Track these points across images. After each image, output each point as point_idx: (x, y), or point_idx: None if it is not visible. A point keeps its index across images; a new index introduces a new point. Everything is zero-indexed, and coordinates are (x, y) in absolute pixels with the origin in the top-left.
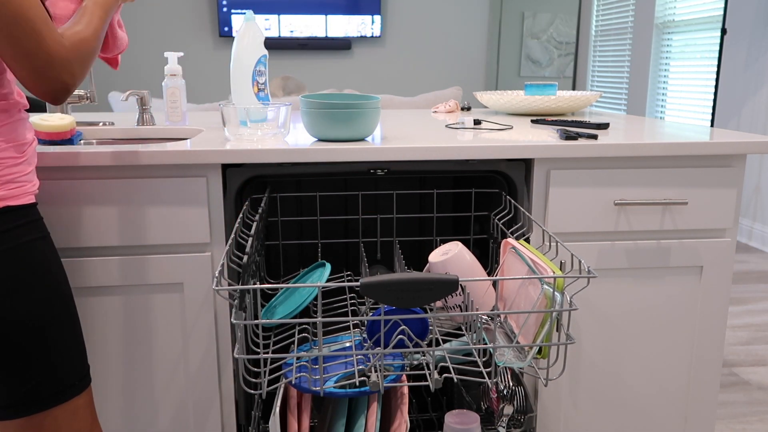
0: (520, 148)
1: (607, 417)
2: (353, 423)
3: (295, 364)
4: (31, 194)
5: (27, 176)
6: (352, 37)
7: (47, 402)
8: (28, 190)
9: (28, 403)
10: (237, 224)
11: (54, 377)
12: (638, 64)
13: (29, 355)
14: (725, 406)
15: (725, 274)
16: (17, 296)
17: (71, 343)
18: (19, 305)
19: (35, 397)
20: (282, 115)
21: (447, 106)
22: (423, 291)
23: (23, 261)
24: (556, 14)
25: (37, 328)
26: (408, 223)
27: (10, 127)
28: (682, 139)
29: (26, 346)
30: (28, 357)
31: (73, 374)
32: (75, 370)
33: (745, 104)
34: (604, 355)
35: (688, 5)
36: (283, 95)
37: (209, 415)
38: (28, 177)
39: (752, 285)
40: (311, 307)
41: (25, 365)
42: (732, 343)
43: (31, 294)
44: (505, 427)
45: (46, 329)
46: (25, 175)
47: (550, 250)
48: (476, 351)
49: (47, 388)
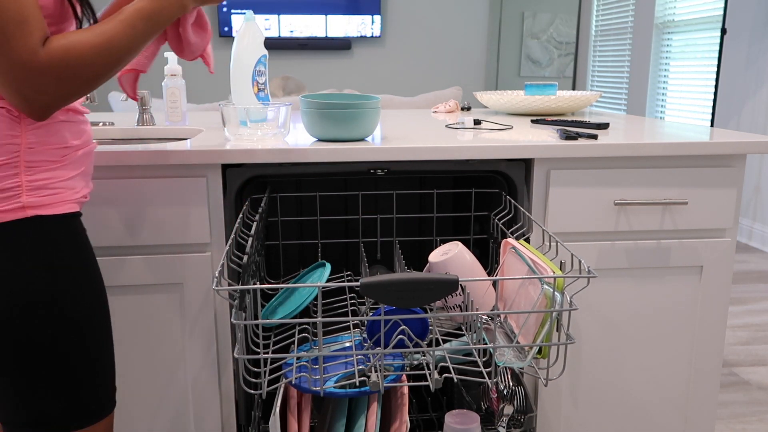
0: (520, 148)
1: (607, 417)
2: (353, 423)
3: (295, 364)
4: (71, 202)
5: (65, 182)
6: (352, 37)
7: (68, 424)
8: (66, 198)
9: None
10: (237, 224)
11: (79, 399)
12: (638, 64)
13: (57, 374)
14: (725, 406)
15: (725, 274)
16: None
17: (100, 366)
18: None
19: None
20: (282, 115)
21: (447, 106)
22: (423, 291)
23: (57, 277)
24: (556, 14)
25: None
26: (408, 223)
27: (47, 130)
28: (682, 139)
29: (55, 366)
30: (56, 376)
31: (99, 398)
32: (102, 394)
33: (745, 104)
34: (604, 355)
35: (688, 5)
36: (283, 95)
37: (209, 415)
38: (66, 183)
39: (752, 285)
40: (311, 307)
41: (53, 384)
42: (732, 343)
43: (64, 312)
44: (505, 427)
45: (76, 350)
46: (63, 181)
47: (550, 250)
48: (476, 351)
49: (71, 409)
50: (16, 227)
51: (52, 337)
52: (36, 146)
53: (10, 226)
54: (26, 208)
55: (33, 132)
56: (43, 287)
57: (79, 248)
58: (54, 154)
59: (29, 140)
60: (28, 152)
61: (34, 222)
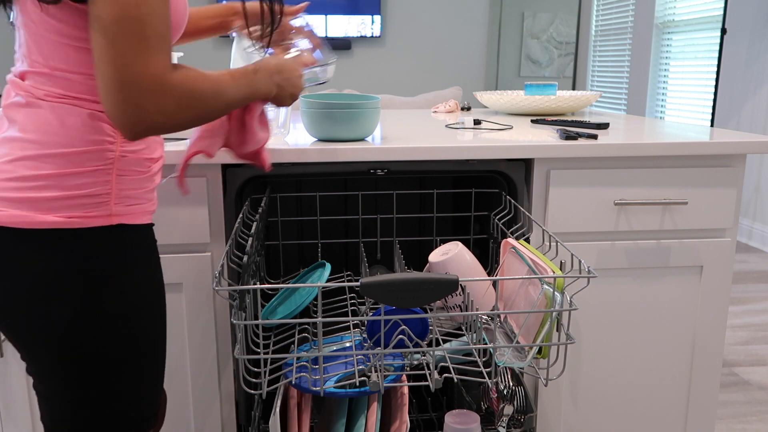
0: (520, 148)
1: (607, 417)
2: (353, 423)
3: (295, 364)
4: (148, 214)
5: (146, 194)
6: (352, 37)
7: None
8: (146, 209)
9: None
10: (237, 224)
11: (123, 410)
12: (638, 64)
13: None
14: (725, 406)
15: (725, 274)
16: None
17: (149, 380)
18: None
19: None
20: (282, 115)
21: (447, 106)
22: (423, 291)
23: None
24: (556, 14)
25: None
26: (408, 223)
27: (143, 140)
28: (682, 139)
29: (105, 376)
30: (107, 385)
31: (144, 412)
32: (147, 408)
33: (745, 104)
34: (604, 355)
35: (688, 5)
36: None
37: (209, 415)
38: (147, 195)
39: (752, 285)
40: (311, 307)
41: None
42: (732, 343)
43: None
44: (505, 427)
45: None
46: (145, 192)
47: (550, 250)
48: (476, 351)
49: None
50: (101, 233)
51: (115, 344)
52: (128, 155)
53: (96, 231)
54: (112, 216)
55: (129, 141)
56: (116, 295)
57: (151, 259)
58: (141, 165)
59: (123, 149)
60: (121, 161)
61: (117, 229)
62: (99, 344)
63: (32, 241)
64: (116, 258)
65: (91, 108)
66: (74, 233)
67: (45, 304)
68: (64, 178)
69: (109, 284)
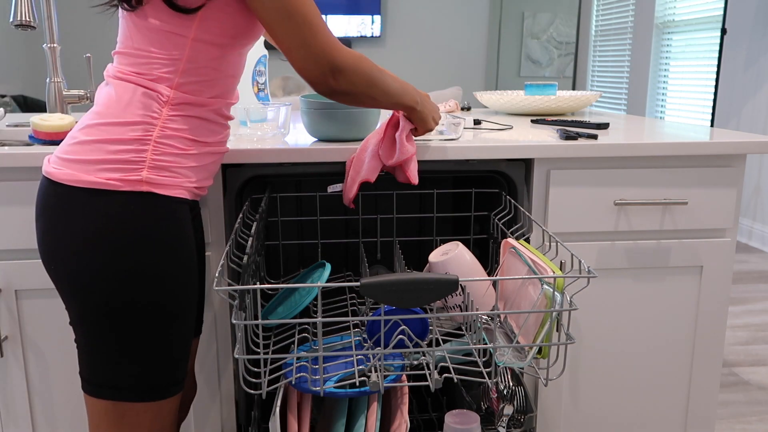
0: (520, 148)
1: (607, 417)
2: (353, 423)
3: (295, 364)
4: (183, 189)
5: (185, 170)
6: (352, 37)
7: (140, 394)
8: (181, 183)
9: (121, 389)
10: (237, 224)
11: (155, 372)
12: (638, 64)
13: (141, 342)
14: (725, 406)
15: (725, 274)
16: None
17: (182, 344)
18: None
19: (131, 385)
20: (282, 115)
21: (447, 106)
22: (423, 291)
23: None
24: (556, 14)
25: (161, 319)
26: (408, 223)
27: (185, 121)
28: (682, 139)
29: (143, 334)
30: (140, 345)
31: (171, 376)
32: (174, 373)
33: (745, 104)
34: (604, 355)
35: (688, 5)
36: (283, 95)
37: (209, 415)
38: (184, 171)
39: (752, 285)
40: (311, 307)
41: (135, 352)
42: (732, 343)
43: (167, 283)
44: (505, 427)
45: (167, 324)
46: (184, 168)
47: (550, 250)
48: (476, 351)
49: (145, 380)
50: (131, 198)
51: (138, 310)
52: (169, 131)
53: (126, 195)
54: (143, 182)
55: (172, 118)
56: (143, 258)
57: (180, 232)
58: (183, 142)
59: (166, 124)
60: (161, 134)
61: (147, 197)
62: (125, 301)
63: (78, 197)
64: (144, 223)
65: (147, 86)
66: (110, 194)
67: (81, 257)
68: (109, 144)
69: (136, 246)
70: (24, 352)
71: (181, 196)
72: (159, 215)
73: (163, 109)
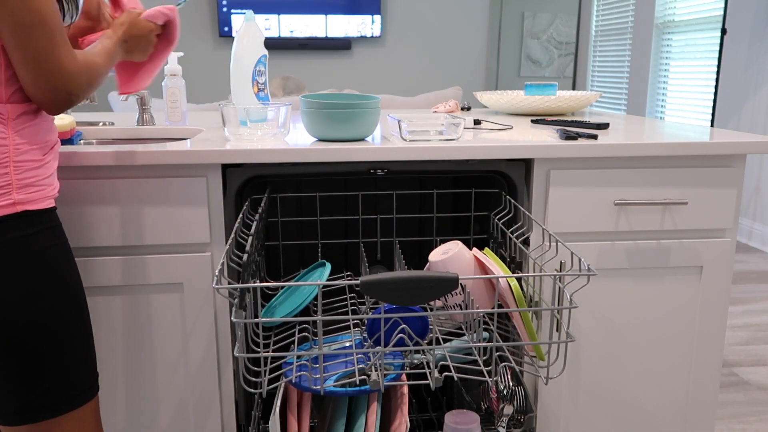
0: (520, 148)
1: (607, 417)
2: (353, 422)
3: (295, 363)
4: (51, 198)
5: (47, 179)
6: (352, 37)
7: (57, 408)
8: (48, 194)
9: (38, 408)
10: (237, 224)
11: (66, 383)
12: (638, 64)
13: (43, 359)
14: (725, 406)
15: (725, 274)
16: (34, 300)
17: (85, 349)
18: (35, 309)
19: (45, 403)
20: (282, 115)
21: (447, 106)
22: (423, 289)
23: (40, 266)
24: (556, 14)
25: (52, 332)
26: (408, 223)
27: (34, 129)
28: (682, 139)
29: (41, 351)
30: (42, 361)
31: (84, 381)
32: (86, 377)
33: (745, 104)
34: (604, 355)
35: (688, 5)
36: (283, 95)
37: (209, 415)
38: (48, 180)
39: (752, 285)
40: (311, 307)
41: (39, 370)
42: (732, 343)
43: (48, 298)
44: (505, 427)
45: (60, 334)
46: (46, 178)
47: (549, 250)
48: (476, 349)
49: (58, 394)
50: (7, 221)
51: (32, 326)
52: (22, 146)
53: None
54: (17, 204)
55: (19, 133)
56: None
57: (57, 240)
58: (37, 153)
59: (16, 141)
60: (16, 152)
61: (23, 216)
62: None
63: None
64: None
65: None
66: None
67: None
68: None
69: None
70: None
71: (50, 206)
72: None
73: (7, 126)
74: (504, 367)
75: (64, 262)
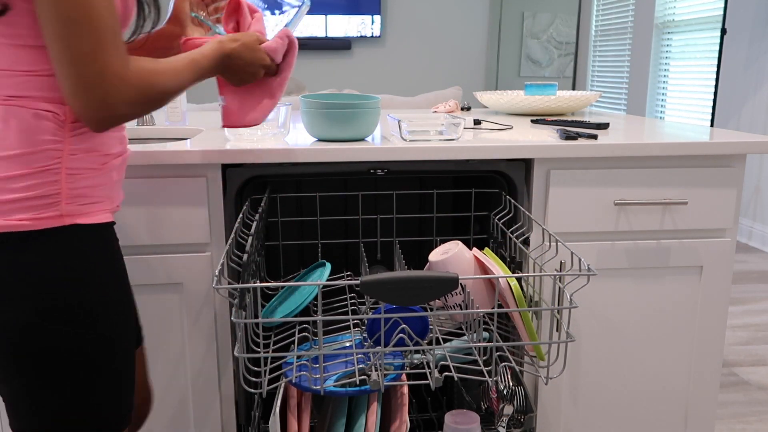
0: (520, 148)
1: (607, 417)
2: (353, 422)
3: (295, 363)
4: (107, 212)
5: (103, 192)
6: (352, 37)
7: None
8: (103, 208)
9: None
10: (237, 224)
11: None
12: (638, 64)
13: (73, 382)
14: (725, 406)
15: (725, 274)
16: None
17: (121, 380)
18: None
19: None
20: (282, 115)
21: (447, 106)
22: (423, 289)
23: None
24: (556, 14)
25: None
26: (408, 223)
27: (92, 136)
28: (682, 139)
29: (76, 375)
30: (71, 384)
31: (115, 413)
32: (117, 409)
33: (745, 104)
34: (605, 355)
35: (688, 5)
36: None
37: (209, 415)
38: (104, 192)
39: (752, 285)
40: (311, 307)
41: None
42: (732, 343)
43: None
44: (505, 427)
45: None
46: (101, 190)
47: (549, 250)
48: (476, 349)
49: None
50: (53, 234)
51: (76, 346)
52: (78, 153)
53: (47, 233)
54: (64, 216)
55: (77, 138)
56: (73, 295)
57: (111, 258)
58: (95, 162)
59: (72, 147)
60: (70, 159)
61: (71, 230)
62: (54, 346)
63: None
64: (71, 260)
65: (36, 107)
66: (24, 236)
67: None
68: (11, 180)
69: (64, 286)
70: None
71: (106, 220)
72: (90, 245)
73: (63, 130)
74: (504, 367)
75: (111, 285)
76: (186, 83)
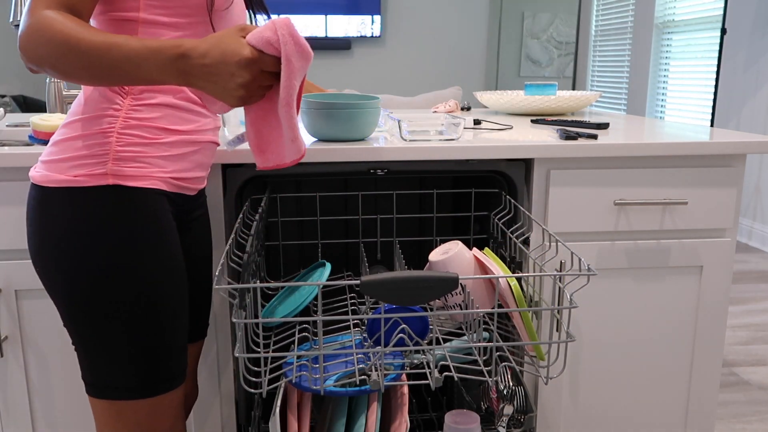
0: (520, 148)
1: (607, 417)
2: (353, 422)
3: (295, 363)
4: (156, 179)
5: (156, 159)
6: (352, 37)
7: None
8: (152, 173)
9: (112, 387)
10: (237, 224)
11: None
12: (638, 64)
13: (123, 338)
14: (725, 406)
15: (725, 274)
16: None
17: (169, 338)
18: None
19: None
20: None
21: (447, 106)
22: (423, 289)
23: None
24: (556, 14)
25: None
26: (408, 223)
27: (151, 110)
28: (682, 139)
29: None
30: (121, 340)
31: (166, 370)
32: (168, 366)
33: (745, 104)
34: (604, 355)
35: (688, 5)
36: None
37: (209, 415)
38: (156, 161)
39: (752, 285)
40: (311, 307)
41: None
42: (732, 343)
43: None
44: (505, 427)
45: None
46: (154, 157)
47: (549, 249)
48: (476, 349)
49: (135, 376)
50: (98, 193)
51: (118, 307)
52: (133, 120)
53: (93, 191)
54: (108, 176)
55: (136, 108)
56: (116, 254)
57: (155, 223)
58: (150, 131)
59: (129, 114)
60: (125, 124)
61: (115, 191)
62: (103, 300)
63: (52, 198)
64: (113, 217)
65: None
66: (79, 191)
67: (57, 259)
68: (74, 140)
69: (108, 242)
70: (24, 352)
71: (154, 186)
72: (129, 208)
73: (125, 100)
74: (504, 367)
75: (155, 248)
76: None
